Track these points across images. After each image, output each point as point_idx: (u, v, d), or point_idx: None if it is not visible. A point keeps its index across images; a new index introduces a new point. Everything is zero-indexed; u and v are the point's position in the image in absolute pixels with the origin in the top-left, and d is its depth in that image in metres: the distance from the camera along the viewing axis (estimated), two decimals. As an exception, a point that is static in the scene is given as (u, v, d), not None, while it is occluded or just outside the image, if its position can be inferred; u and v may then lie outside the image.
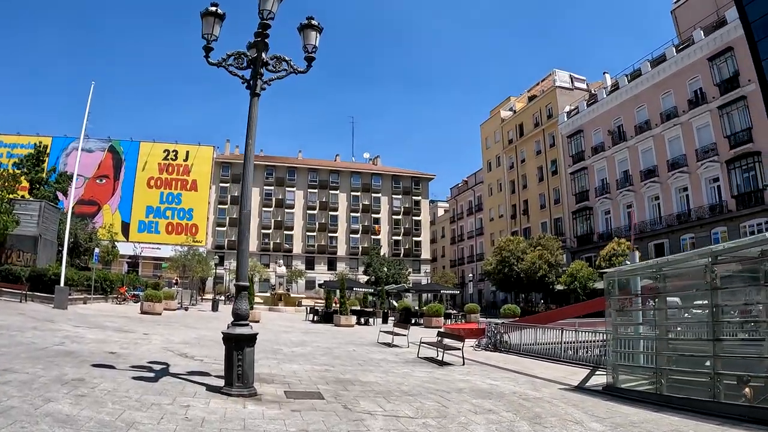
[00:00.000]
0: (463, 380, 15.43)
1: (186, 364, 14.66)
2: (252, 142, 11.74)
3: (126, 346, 17.33)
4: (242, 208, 11.58)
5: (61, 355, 14.02)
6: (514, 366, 19.62)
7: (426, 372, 16.85)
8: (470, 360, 19.86)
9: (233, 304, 11.13)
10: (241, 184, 11.77)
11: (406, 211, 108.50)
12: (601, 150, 68.71)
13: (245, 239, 11.45)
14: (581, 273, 55.39)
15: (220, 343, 11.19)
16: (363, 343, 25.74)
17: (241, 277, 11.23)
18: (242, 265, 11.33)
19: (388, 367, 17.54)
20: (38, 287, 34.89)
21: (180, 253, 65.11)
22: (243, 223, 11.52)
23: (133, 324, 26.39)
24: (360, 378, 14.61)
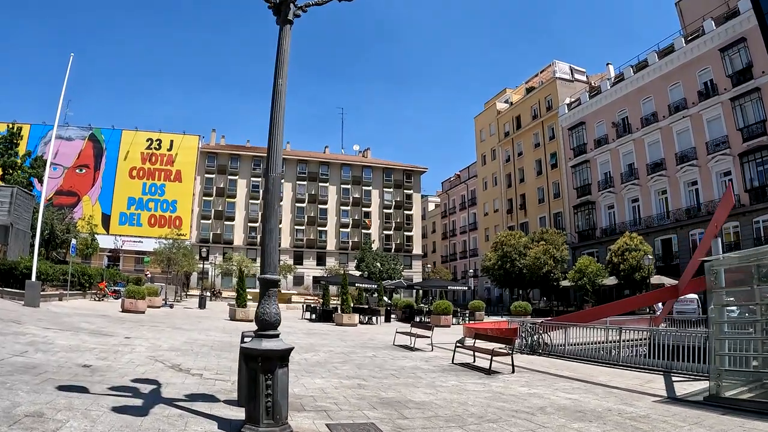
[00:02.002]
0: (532, 394, 12.95)
1: (182, 383, 11.49)
2: (283, 83, 8.43)
3: (104, 356, 14.09)
4: (270, 170, 8.18)
5: (20, 371, 10.85)
6: (569, 372, 17.19)
7: (479, 384, 14.18)
8: (512, 365, 17.03)
9: (258, 306, 7.76)
10: (269, 139, 8.30)
11: (398, 205, 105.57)
12: (605, 143, 66.60)
13: (274, 214, 8.07)
14: (590, 269, 52.52)
15: (216, 349, 8.54)
16: (378, 346, 22.95)
17: (269, 266, 7.86)
18: (270, 250, 7.95)
19: (429, 378, 14.80)
20: (8, 282, 31.49)
21: (164, 245, 61.78)
22: (271, 191, 8.15)
23: (114, 325, 23.04)
24: (408, 397, 11.90)
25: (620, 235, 55.79)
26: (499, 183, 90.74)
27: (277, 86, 8.39)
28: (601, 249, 62.88)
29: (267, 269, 7.82)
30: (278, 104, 8.35)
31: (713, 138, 52.45)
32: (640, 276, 48.41)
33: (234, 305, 35.18)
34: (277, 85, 8.39)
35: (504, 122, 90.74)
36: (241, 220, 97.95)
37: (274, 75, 8.48)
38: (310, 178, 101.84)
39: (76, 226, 56.85)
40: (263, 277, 7.77)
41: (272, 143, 8.31)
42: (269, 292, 7.77)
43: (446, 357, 19.51)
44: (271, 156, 8.29)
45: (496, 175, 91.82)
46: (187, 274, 73.01)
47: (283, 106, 8.40)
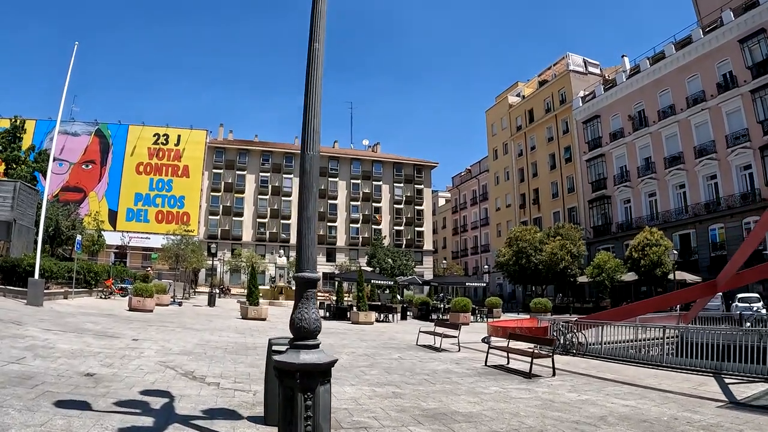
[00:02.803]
0: (585, 401, 11.87)
1: (197, 395, 10.16)
2: (319, 48, 7.07)
3: (109, 362, 12.77)
4: (307, 148, 6.82)
5: (14, 382, 9.59)
6: (612, 374, 16.01)
7: (523, 390, 13.04)
8: (551, 368, 15.82)
9: (294, 311, 6.39)
10: (304, 112, 6.90)
11: (408, 200, 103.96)
12: (621, 136, 65.26)
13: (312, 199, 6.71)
14: (608, 264, 51.15)
15: (231, 352, 7.58)
16: (402, 347, 21.76)
17: (307, 262, 6.50)
18: (308, 242, 6.60)
19: (467, 384, 13.63)
20: (11, 280, 30.25)
21: (173, 241, 60.58)
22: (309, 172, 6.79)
23: (120, 325, 21.72)
24: (452, 407, 10.68)
25: (637, 230, 55.04)
26: (511, 177, 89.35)
27: (313, 51, 7.02)
28: (617, 244, 62.01)
29: (304, 266, 6.48)
30: (314, 72, 6.99)
31: (733, 131, 51.26)
32: (661, 272, 47.09)
33: (245, 303, 33.79)
34: (313, 50, 7.02)
35: (516, 116, 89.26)
36: (249, 215, 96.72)
37: (309, 39, 7.13)
38: (319, 173, 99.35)
39: (82, 223, 55.70)
40: (300, 276, 6.42)
41: (308, 117, 6.94)
42: (307, 293, 6.42)
43: (476, 358, 18.49)
44: (308, 131, 6.91)
45: (509, 170, 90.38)
46: (195, 270, 71.92)
47: (320, 74, 7.05)
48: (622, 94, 66.00)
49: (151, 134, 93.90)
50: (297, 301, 6.45)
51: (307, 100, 6.97)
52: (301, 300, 6.41)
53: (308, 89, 6.98)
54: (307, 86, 7.00)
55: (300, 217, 6.67)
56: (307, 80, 7.00)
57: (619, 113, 66.15)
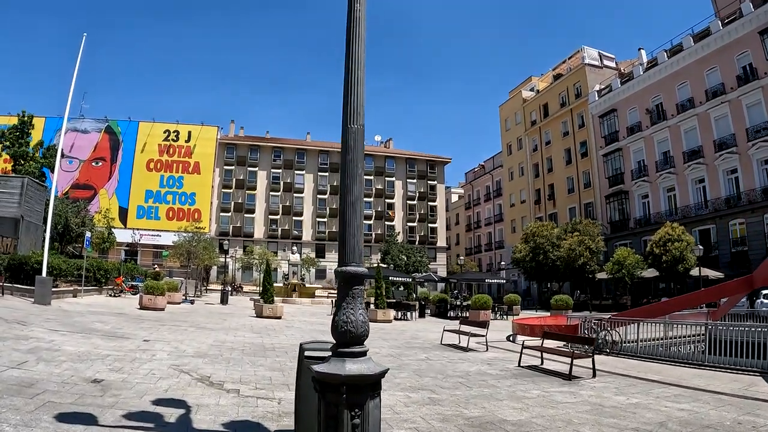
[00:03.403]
0: (636, 405, 11.00)
1: (216, 404, 9.14)
2: (361, 9, 6.09)
3: (119, 366, 11.76)
4: (350, 120, 5.78)
5: (12, 390, 8.63)
6: (654, 375, 15.12)
7: (567, 393, 12.12)
8: (588, 368, 14.92)
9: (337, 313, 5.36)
10: (346, 80, 5.81)
11: (422, 196, 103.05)
12: (638, 130, 64.18)
13: (358, 179, 5.65)
14: (628, 260, 50.08)
15: (248, 353, 7.23)
16: (426, 346, 20.80)
17: (352, 253, 5.46)
18: (353, 231, 5.55)
19: (506, 387, 12.69)
20: (19, 278, 29.51)
21: (184, 238, 59.77)
22: (354, 148, 5.73)
23: (131, 325, 20.76)
24: (498, 414, 9.77)
25: (656, 225, 54.31)
26: (526, 173, 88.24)
27: (354, 12, 5.98)
28: (635, 240, 60.92)
29: (349, 258, 5.46)
30: (356, 33, 5.95)
31: (754, 124, 50.19)
32: (683, 268, 46.05)
33: (259, 301, 32.86)
34: (354, 11, 5.98)
35: (530, 110, 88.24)
36: (261, 212, 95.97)
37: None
38: (331, 169, 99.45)
39: (92, 220, 54.96)
40: (344, 271, 5.39)
41: (351, 84, 5.89)
42: (353, 290, 5.39)
43: (507, 358, 17.66)
44: (350, 100, 5.85)
45: (523, 165, 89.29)
46: (207, 268, 71.19)
47: (362, 35, 6.00)
48: (640, 87, 64.89)
49: (162, 131, 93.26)
50: (341, 300, 5.43)
51: (349, 65, 5.94)
52: (346, 299, 5.40)
53: (350, 53, 5.95)
54: (348, 49, 5.97)
55: (343, 202, 5.64)
56: (347, 43, 5.99)
57: (636, 107, 65.07)
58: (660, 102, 61.65)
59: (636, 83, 65.53)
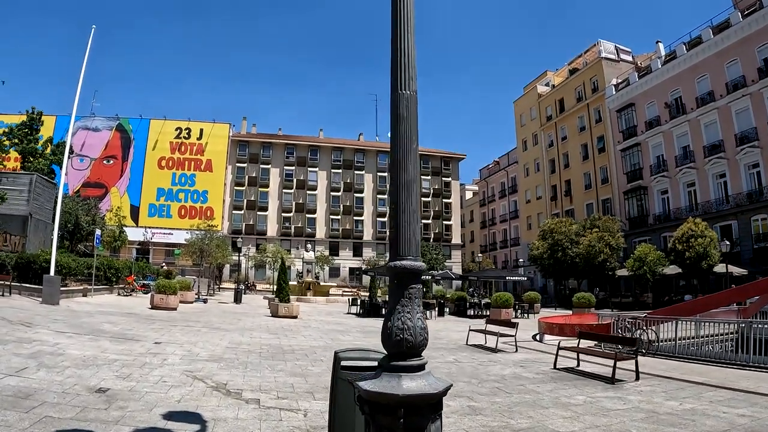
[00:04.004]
0: (692, 411, 10.19)
1: (235, 418, 8.13)
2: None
3: (127, 373, 10.76)
4: (401, 86, 4.75)
5: (6, 403, 7.72)
6: (699, 377, 14.23)
7: (614, 399, 11.22)
8: (630, 370, 13.97)
9: (391, 317, 4.28)
10: (393, 40, 4.77)
11: (436, 192, 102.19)
12: (657, 124, 62.93)
13: (413, 155, 4.61)
14: (650, 257, 48.96)
15: (266, 356, 8.66)
16: (451, 347, 19.86)
17: (408, 245, 4.40)
18: (409, 219, 4.47)
19: (547, 392, 11.79)
20: (27, 277, 28.73)
21: (197, 236, 58.98)
22: (407, 117, 4.71)
23: (141, 325, 19.84)
24: (548, 425, 8.93)
25: (675, 221, 53.64)
26: (541, 169, 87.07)
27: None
28: (655, 237, 59.81)
29: (404, 250, 4.42)
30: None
31: (777, 117, 48.81)
32: (707, 264, 44.96)
33: (274, 300, 31.93)
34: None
35: (546, 106, 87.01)
36: (274, 210, 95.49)
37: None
38: (345, 166, 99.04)
39: (103, 218, 54.26)
40: (399, 267, 4.34)
41: (400, 44, 4.85)
42: (410, 291, 4.35)
43: (540, 360, 16.77)
44: (401, 62, 4.82)
45: (539, 161, 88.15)
46: (219, 266, 70.49)
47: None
48: (658, 81, 63.66)
49: (173, 128, 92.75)
50: (394, 302, 4.38)
51: (397, 22, 4.90)
52: (401, 301, 4.34)
53: (397, 8, 4.91)
54: (394, 5, 4.92)
55: (397, 182, 4.58)
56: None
57: (654, 101, 63.85)
58: (679, 95, 60.43)
59: (654, 77, 64.30)
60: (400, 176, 4.56)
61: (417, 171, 4.64)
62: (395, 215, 4.54)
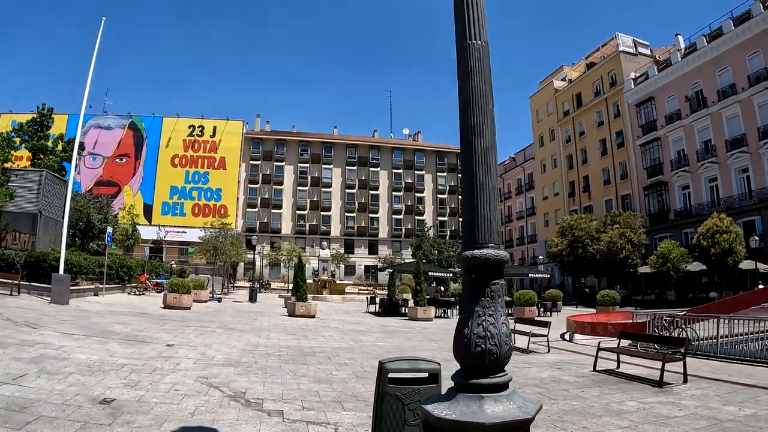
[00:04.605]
0: (755, 417, 9.40)
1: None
2: None
3: (135, 380, 9.78)
4: (470, 35, 3.76)
5: None
6: (747, 378, 13.23)
7: (668, 404, 10.31)
8: (675, 372, 12.95)
9: (468, 321, 3.28)
10: None
11: (452, 189, 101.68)
12: (677, 118, 61.73)
13: (488, 118, 3.59)
14: (673, 253, 47.87)
15: (287, 360, 8.62)
16: (480, 349, 18.29)
17: (486, 231, 3.37)
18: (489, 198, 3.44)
19: (594, 397, 10.84)
20: (37, 276, 27.89)
21: (211, 234, 58.21)
22: (477, 73, 3.71)
23: (153, 326, 18.93)
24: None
25: (697, 217, 52.99)
26: (559, 165, 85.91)
27: None
28: (676, 233, 58.69)
29: (483, 236, 3.41)
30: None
31: (800, 111, 47.59)
32: (732, 261, 43.93)
33: (291, 299, 31.08)
34: None
35: (563, 101, 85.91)
36: (288, 207, 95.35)
37: None
38: (360, 163, 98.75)
39: (115, 216, 53.61)
40: (478, 256, 3.33)
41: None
42: (492, 288, 3.35)
43: (576, 361, 15.92)
44: (469, 9, 3.84)
45: (556, 157, 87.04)
46: (233, 264, 69.84)
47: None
48: (678, 74, 62.54)
49: (186, 126, 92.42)
50: (471, 302, 3.37)
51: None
52: (481, 300, 3.33)
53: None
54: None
55: (471, 150, 3.58)
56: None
57: (674, 94, 62.68)
58: (700, 89, 59.30)
59: (674, 70, 63.20)
60: (474, 143, 3.55)
61: (494, 137, 3.65)
62: (470, 192, 3.52)
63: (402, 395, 4.66)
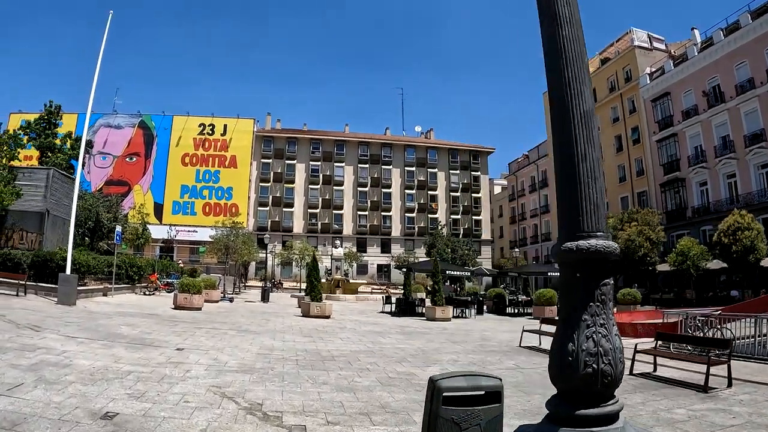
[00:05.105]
0: None
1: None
2: None
3: (141, 391, 8.93)
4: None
5: None
6: None
7: (718, 411, 9.58)
8: (717, 376, 12.14)
9: (567, 333, 2.42)
10: None
11: (465, 187, 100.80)
12: (694, 114, 60.62)
13: (586, 75, 2.80)
14: (693, 251, 46.90)
15: (305, 365, 7.95)
16: (504, 350, 18.06)
17: (589, 218, 2.53)
18: (592, 170, 2.61)
19: (638, 405, 10.05)
20: (44, 276, 27.16)
21: (222, 232, 57.50)
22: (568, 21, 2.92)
23: (162, 328, 18.13)
24: None
25: (715, 214, 52.21)
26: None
27: None
28: (694, 230, 57.58)
29: (589, 223, 2.59)
30: None
31: (820, 103, 46.55)
32: (754, 258, 42.99)
33: (305, 299, 30.29)
34: None
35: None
36: (300, 206, 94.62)
37: None
38: (372, 161, 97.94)
39: (126, 216, 53.05)
40: (585, 248, 2.52)
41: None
42: (601, 290, 2.51)
43: (628, 367, 14.26)
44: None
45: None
46: (245, 264, 69.20)
47: None
48: (695, 68, 61.50)
49: (197, 124, 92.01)
50: (577, 309, 2.56)
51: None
52: (589, 307, 2.53)
53: None
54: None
55: (564, 116, 2.80)
56: None
57: (691, 89, 61.64)
58: (717, 83, 58.30)
59: (690, 64, 62.17)
60: (572, 106, 2.81)
61: (592, 100, 2.86)
62: (569, 167, 2.72)
63: (459, 419, 3.84)
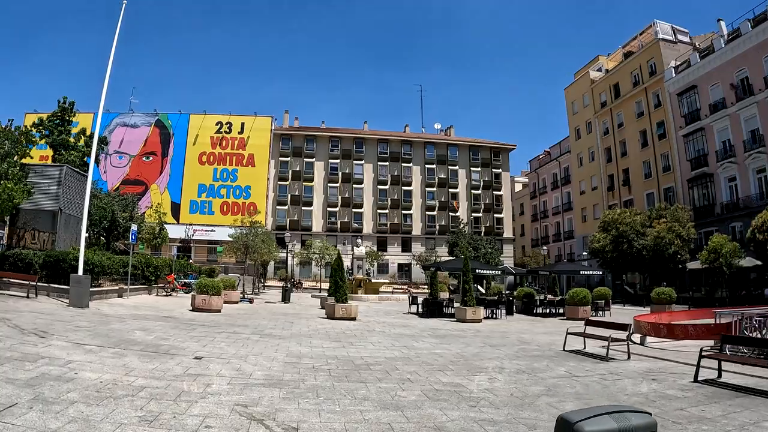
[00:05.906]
0: None
1: None
2: None
3: (154, 413, 7.53)
4: None
5: None
6: None
7: None
8: None
9: None
10: None
11: (486, 185, 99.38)
12: (722, 107, 58.77)
13: None
14: (725, 248, 45.24)
15: (339, 377, 7.55)
16: (548, 354, 16.59)
17: None
18: None
19: (720, 419, 8.88)
20: (56, 277, 26.13)
21: (241, 231, 56.32)
22: None
23: (179, 333, 16.76)
24: None
25: (745, 210, 51.23)
26: (596, 158, 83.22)
27: None
28: (723, 227, 55.84)
29: None
30: None
31: None
32: (789, 255, 41.70)
33: (328, 299, 29.10)
34: None
35: (599, 92, 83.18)
36: (319, 204, 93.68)
37: None
38: (392, 159, 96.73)
39: (143, 215, 52.12)
40: None
41: None
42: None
43: (667, 369, 13.86)
44: None
45: (593, 150, 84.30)
46: (264, 263, 68.00)
47: None
48: (721, 61, 59.79)
49: (214, 123, 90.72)
50: None
51: None
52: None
53: None
54: None
55: None
56: None
57: (719, 82, 59.90)
58: (746, 75, 56.61)
59: (717, 57, 60.45)
60: None
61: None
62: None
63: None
